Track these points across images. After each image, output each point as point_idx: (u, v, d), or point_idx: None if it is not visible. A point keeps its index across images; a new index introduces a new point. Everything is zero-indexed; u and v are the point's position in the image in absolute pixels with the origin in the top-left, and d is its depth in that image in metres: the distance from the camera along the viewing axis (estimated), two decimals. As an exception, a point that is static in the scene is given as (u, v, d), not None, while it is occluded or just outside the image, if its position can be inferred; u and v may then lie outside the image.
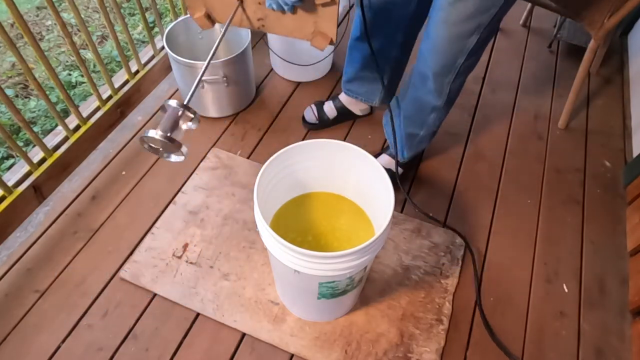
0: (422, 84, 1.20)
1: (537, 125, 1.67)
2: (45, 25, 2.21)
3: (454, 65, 1.10)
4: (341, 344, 1.13)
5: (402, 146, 1.40)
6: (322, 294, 0.98)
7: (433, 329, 1.16)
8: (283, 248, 0.84)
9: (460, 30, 1.03)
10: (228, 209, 1.36)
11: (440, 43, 1.07)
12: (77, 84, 1.94)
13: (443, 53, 1.09)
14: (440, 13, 1.02)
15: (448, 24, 1.03)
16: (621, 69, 1.89)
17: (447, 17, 1.01)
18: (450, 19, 1.02)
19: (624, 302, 1.25)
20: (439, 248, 1.31)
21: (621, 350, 1.17)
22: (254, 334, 1.13)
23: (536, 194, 1.47)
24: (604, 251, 1.35)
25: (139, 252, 1.26)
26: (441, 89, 1.17)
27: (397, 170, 1.25)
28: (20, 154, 1.23)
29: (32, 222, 1.32)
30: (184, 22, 1.56)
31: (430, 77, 1.15)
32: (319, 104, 1.61)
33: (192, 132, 1.57)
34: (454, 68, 1.11)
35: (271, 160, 0.95)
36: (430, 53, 1.11)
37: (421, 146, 1.40)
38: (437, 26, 1.05)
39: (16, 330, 1.13)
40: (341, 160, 1.03)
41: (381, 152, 1.49)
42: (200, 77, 0.90)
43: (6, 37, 1.07)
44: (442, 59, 1.10)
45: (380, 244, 0.89)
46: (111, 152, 1.50)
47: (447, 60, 1.10)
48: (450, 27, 1.03)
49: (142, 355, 1.11)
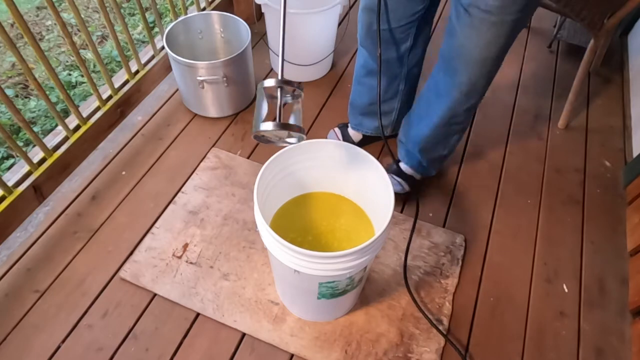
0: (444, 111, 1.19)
1: (537, 125, 1.68)
2: (45, 25, 2.21)
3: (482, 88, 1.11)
4: (341, 344, 1.13)
5: (423, 165, 1.37)
6: (322, 294, 0.98)
7: (433, 329, 1.16)
8: (283, 248, 0.84)
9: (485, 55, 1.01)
10: (228, 209, 1.36)
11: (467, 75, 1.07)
12: (77, 84, 1.94)
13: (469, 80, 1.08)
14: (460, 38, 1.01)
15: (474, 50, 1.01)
16: (621, 69, 1.89)
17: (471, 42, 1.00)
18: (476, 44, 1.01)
19: (624, 302, 1.25)
20: (439, 248, 1.31)
21: (621, 350, 1.17)
22: (254, 334, 1.13)
23: (536, 194, 1.47)
24: (604, 251, 1.35)
25: (139, 252, 1.26)
26: (464, 113, 1.18)
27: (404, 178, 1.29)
28: (20, 154, 1.23)
29: (32, 222, 1.32)
30: (183, 22, 1.56)
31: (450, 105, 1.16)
32: (343, 127, 1.55)
33: (193, 133, 1.58)
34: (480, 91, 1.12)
35: (271, 160, 0.95)
36: (455, 101, 1.12)
37: (446, 160, 1.40)
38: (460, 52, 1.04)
39: (16, 330, 1.13)
40: (341, 160, 1.03)
41: (395, 161, 1.43)
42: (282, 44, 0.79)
43: (6, 37, 1.07)
44: (467, 85, 1.09)
45: (380, 244, 0.89)
46: (111, 152, 1.50)
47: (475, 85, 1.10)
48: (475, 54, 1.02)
49: (142, 355, 1.11)
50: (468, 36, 0.98)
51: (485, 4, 0.91)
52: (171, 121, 1.61)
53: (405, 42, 1.21)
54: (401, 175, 1.39)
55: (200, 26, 1.61)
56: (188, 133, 1.58)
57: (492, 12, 0.92)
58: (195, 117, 1.62)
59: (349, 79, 1.79)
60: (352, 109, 1.47)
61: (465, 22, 0.97)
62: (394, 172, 1.40)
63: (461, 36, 1.00)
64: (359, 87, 1.39)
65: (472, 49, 1.00)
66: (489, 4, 0.91)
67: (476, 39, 0.98)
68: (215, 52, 1.71)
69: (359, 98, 1.42)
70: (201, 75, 1.46)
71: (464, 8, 0.95)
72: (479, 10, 0.93)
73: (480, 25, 0.95)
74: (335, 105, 1.69)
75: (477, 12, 0.93)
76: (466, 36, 0.99)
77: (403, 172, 1.40)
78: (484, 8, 0.92)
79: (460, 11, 0.97)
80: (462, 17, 0.97)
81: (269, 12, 1.59)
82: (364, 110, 1.43)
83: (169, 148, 1.52)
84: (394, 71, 1.29)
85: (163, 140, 1.55)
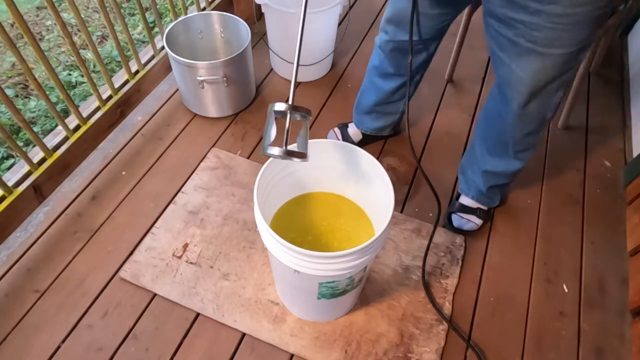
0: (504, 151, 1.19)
1: (537, 125, 1.67)
2: (45, 25, 2.21)
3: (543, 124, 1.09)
4: (341, 344, 1.13)
5: (484, 194, 1.33)
6: (322, 294, 0.98)
7: (433, 329, 1.16)
8: (283, 248, 0.84)
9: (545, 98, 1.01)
10: (228, 209, 1.36)
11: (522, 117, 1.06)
12: (77, 84, 1.94)
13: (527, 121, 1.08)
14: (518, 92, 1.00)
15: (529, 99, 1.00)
16: (621, 69, 1.89)
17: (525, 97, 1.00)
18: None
19: (624, 302, 1.25)
20: (439, 248, 1.31)
21: (621, 350, 1.17)
22: (253, 334, 1.13)
23: (536, 194, 1.47)
24: (604, 251, 1.35)
25: (139, 252, 1.26)
26: (526, 148, 1.17)
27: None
28: (20, 154, 1.23)
29: (32, 222, 1.32)
30: (183, 22, 1.56)
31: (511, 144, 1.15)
32: (342, 127, 1.54)
33: (193, 133, 1.58)
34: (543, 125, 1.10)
35: (271, 160, 0.95)
36: (511, 126, 1.10)
37: (507, 188, 1.36)
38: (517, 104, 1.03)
39: (16, 330, 1.13)
40: (341, 160, 1.03)
41: (457, 195, 1.40)
42: (295, 75, 0.84)
43: (6, 37, 1.07)
44: (527, 126, 1.09)
45: (380, 244, 0.89)
46: (111, 152, 1.50)
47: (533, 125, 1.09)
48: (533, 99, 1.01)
49: (142, 355, 1.11)
50: (516, 63, 0.96)
51: (530, 35, 0.88)
52: (171, 121, 1.61)
53: (428, 51, 1.22)
54: (466, 210, 1.34)
55: (200, 26, 1.61)
56: (188, 133, 1.57)
57: (537, 43, 0.89)
58: (195, 117, 1.62)
59: (348, 79, 1.79)
60: (357, 106, 1.47)
61: (511, 51, 0.94)
62: (458, 209, 1.35)
63: (508, 64, 0.97)
64: (368, 85, 1.38)
65: (520, 75, 0.97)
66: (535, 35, 0.88)
67: (523, 65, 0.95)
68: (215, 52, 1.71)
69: (365, 97, 1.41)
70: (201, 75, 1.46)
71: (507, 39, 0.93)
72: (524, 40, 0.90)
73: (528, 54, 0.92)
74: (335, 105, 1.69)
75: (523, 42, 0.91)
76: (514, 64, 0.96)
77: (467, 207, 1.35)
78: (529, 39, 0.89)
79: (503, 42, 0.95)
80: (506, 47, 0.95)
81: (269, 12, 1.59)
82: (368, 110, 1.43)
83: (169, 148, 1.52)
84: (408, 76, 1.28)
85: (163, 140, 1.55)
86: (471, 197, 1.35)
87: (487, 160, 1.24)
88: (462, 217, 1.33)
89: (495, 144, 1.19)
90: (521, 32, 0.89)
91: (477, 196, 1.34)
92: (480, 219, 1.33)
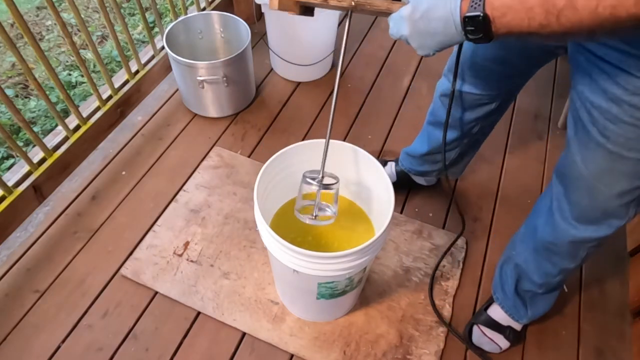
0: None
1: (537, 125, 1.67)
2: (45, 25, 2.21)
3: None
4: (340, 344, 1.13)
5: (521, 309, 1.11)
6: (321, 294, 0.98)
7: (433, 331, 1.16)
8: (283, 248, 0.84)
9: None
10: (229, 207, 1.36)
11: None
12: (77, 84, 1.94)
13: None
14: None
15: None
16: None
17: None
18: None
19: (624, 302, 1.25)
20: (440, 250, 1.30)
21: (621, 350, 1.17)
22: (253, 333, 1.13)
23: (536, 194, 1.47)
24: (604, 252, 1.34)
25: (140, 249, 1.27)
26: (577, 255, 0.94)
27: None
28: (20, 154, 1.23)
29: (32, 222, 1.33)
30: (183, 22, 1.56)
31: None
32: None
33: (193, 133, 1.58)
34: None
35: (271, 160, 0.95)
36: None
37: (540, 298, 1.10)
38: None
39: (16, 330, 1.13)
40: (341, 161, 1.02)
41: (489, 304, 1.19)
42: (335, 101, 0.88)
43: (6, 37, 1.07)
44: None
45: (380, 245, 0.89)
46: (111, 152, 1.50)
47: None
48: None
49: (142, 355, 1.11)
50: (580, 153, 0.79)
51: (603, 127, 0.71)
52: (171, 121, 1.61)
53: (490, 106, 1.06)
54: (493, 326, 1.14)
55: (200, 26, 1.61)
56: (188, 133, 1.57)
57: (609, 138, 0.71)
58: (195, 117, 1.62)
59: (348, 79, 1.78)
60: (411, 147, 1.32)
61: (581, 137, 0.77)
62: (484, 322, 1.15)
63: (574, 151, 0.80)
64: (423, 133, 1.25)
65: (582, 171, 0.79)
66: (608, 128, 0.70)
67: (588, 160, 0.78)
68: (215, 52, 1.71)
69: (417, 148, 1.28)
70: (201, 75, 1.46)
71: (582, 123, 0.76)
72: (597, 131, 0.73)
73: (596, 148, 0.74)
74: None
75: (594, 132, 0.73)
76: (578, 152, 0.79)
77: (495, 323, 1.14)
78: (601, 130, 0.72)
79: (578, 126, 0.77)
80: (580, 132, 0.78)
81: (269, 12, 1.59)
82: (417, 154, 1.29)
83: (169, 148, 1.52)
84: (463, 129, 1.12)
85: (163, 140, 1.55)
86: (503, 307, 1.13)
87: (521, 254, 1.06)
88: (484, 335, 1.14)
89: (534, 237, 1.01)
90: (594, 120, 0.72)
91: (510, 305, 1.12)
92: (509, 340, 1.14)
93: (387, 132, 1.61)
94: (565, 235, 0.89)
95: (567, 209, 0.87)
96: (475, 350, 1.14)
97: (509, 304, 1.11)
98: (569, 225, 0.88)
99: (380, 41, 1.93)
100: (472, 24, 0.58)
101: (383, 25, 1.98)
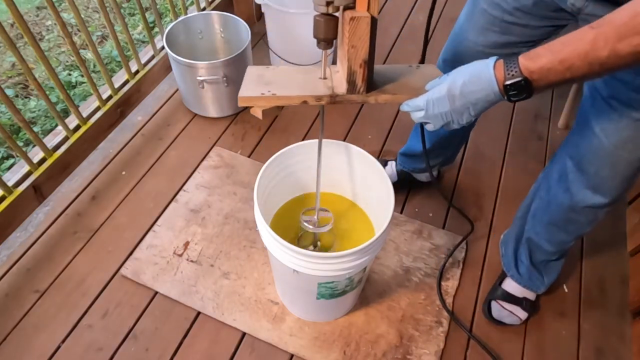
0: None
1: (537, 125, 1.67)
2: (45, 25, 2.21)
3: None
4: (340, 344, 1.13)
5: (536, 279, 1.16)
6: (321, 294, 0.98)
7: (432, 331, 1.16)
8: (282, 248, 0.84)
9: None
10: (229, 207, 1.36)
11: None
12: (77, 84, 1.94)
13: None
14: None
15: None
16: (621, 69, 1.88)
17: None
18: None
19: (624, 302, 1.25)
20: (440, 250, 1.31)
21: (621, 350, 1.17)
22: (253, 333, 1.13)
23: (536, 194, 1.47)
24: (604, 251, 1.34)
25: (140, 249, 1.27)
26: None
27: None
28: (20, 154, 1.23)
29: (32, 222, 1.33)
30: (183, 22, 1.56)
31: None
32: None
33: (193, 133, 1.58)
34: None
35: (271, 160, 0.95)
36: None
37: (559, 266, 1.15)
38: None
39: (16, 330, 1.13)
40: (341, 160, 1.03)
41: (501, 279, 1.23)
42: None
43: (6, 37, 1.07)
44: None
45: (380, 245, 0.89)
46: (111, 152, 1.50)
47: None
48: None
49: (142, 355, 1.11)
50: (599, 124, 0.81)
51: (628, 98, 0.74)
52: (171, 121, 1.61)
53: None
54: (510, 299, 1.18)
55: (200, 26, 1.61)
56: (188, 133, 1.58)
57: (634, 106, 0.74)
58: (195, 117, 1.62)
59: (349, 79, 1.78)
60: (405, 153, 1.35)
61: (601, 109, 0.80)
62: (501, 297, 1.18)
63: (592, 124, 0.82)
64: (414, 134, 1.30)
65: (604, 143, 0.81)
66: (634, 98, 0.73)
67: (609, 130, 0.80)
68: (215, 52, 1.71)
69: (413, 147, 1.31)
70: (201, 75, 1.46)
71: (602, 99, 0.79)
72: (619, 102, 0.76)
73: (619, 118, 0.77)
74: (335, 105, 1.68)
75: (617, 105, 0.76)
76: (597, 124, 0.81)
77: (512, 296, 1.18)
78: (625, 101, 0.75)
79: (597, 98, 0.80)
80: (598, 104, 0.80)
81: (269, 12, 1.59)
82: (410, 152, 1.33)
83: (169, 148, 1.52)
84: (456, 132, 1.13)
85: (163, 140, 1.54)
86: (517, 280, 1.18)
87: (536, 225, 1.09)
88: (503, 308, 1.18)
89: (551, 209, 1.02)
90: (617, 92, 0.75)
91: (525, 278, 1.17)
92: (526, 311, 1.18)
93: (387, 132, 1.61)
94: (584, 204, 0.92)
95: (583, 181, 0.89)
96: (497, 324, 1.18)
97: (525, 278, 1.17)
98: (585, 196, 0.91)
99: (380, 40, 1.93)
100: (514, 88, 0.60)
101: (382, 25, 1.98)
